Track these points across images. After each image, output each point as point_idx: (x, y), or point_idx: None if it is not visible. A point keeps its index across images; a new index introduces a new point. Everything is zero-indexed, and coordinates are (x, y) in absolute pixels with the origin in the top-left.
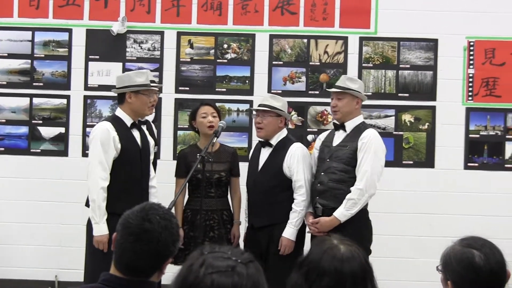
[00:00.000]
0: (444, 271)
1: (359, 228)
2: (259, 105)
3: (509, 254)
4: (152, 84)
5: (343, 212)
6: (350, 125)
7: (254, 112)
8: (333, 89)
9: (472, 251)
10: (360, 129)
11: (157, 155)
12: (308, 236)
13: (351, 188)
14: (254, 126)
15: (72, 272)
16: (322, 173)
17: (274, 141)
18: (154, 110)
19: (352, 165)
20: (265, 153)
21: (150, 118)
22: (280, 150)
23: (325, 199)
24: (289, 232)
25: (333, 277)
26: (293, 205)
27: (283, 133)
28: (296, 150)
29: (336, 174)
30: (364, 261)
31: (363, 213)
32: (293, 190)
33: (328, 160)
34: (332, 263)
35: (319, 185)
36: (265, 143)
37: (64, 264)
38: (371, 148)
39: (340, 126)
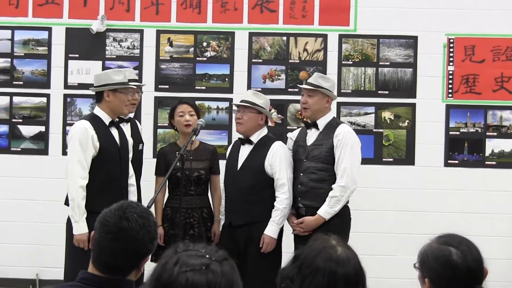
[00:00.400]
0: (422, 268)
1: (343, 225)
2: (241, 101)
3: (488, 251)
4: (131, 83)
5: (327, 210)
6: (322, 122)
7: (235, 108)
8: (304, 86)
9: (449, 248)
10: (332, 125)
11: (142, 153)
12: (291, 236)
13: (333, 186)
14: (234, 121)
15: (53, 271)
16: (302, 174)
17: (254, 138)
18: (134, 109)
19: (330, 163)
20: (245, 150)
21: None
22: (261, 148)
23: (307, 199)
24: (271, 230)
25: (326, 276)
26: (275, 203)
27: (264, 131)
28: (278, 148)
29: (316, 173)
30: (358, 266)
31: (346, 210)
32: (273, 189)
33: (305, 160)
34: (328, 263)
35: (299, 186)
36: (245, 141)
37: (45, 263)
38: (348, 144)
39: (312, 125)
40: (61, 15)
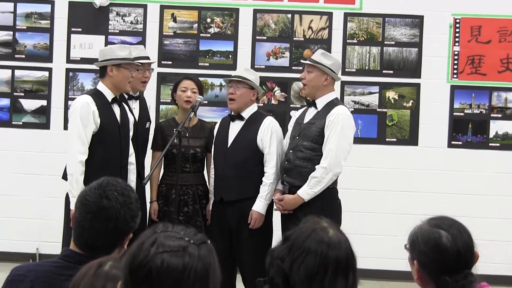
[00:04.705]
0: (411, 250)
1: (325, 207)
2: (233, 77)
3: (491, 233)
4: (140, 61)
5: (306, 191)
6: (321, 102)
7: (225, 84)
8: (305, 61)
9: (440, 231)
10: (330, 106)
11: (149, 131)
12: (277, 214)
13: (316, 166)
14: (227, 97)
15: (53, 245)
16: (291, 151)
17: (245, 114)
18: (145, 87)
19: (320, 143)
20: (235, 127)
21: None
22: (253, 123)
23: (291, 177)
24: (259, 206)
25: (317, 258)
26: (263, 179)
27: (254, 107)
28: (270, 123)
29: (302, 152)
30: (350, 250)
31: (330, 192)
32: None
33: (297, 137)
34: (319, 245)
35: (286, 162)
36: (235, 117)
37: (46, 237)
38: (338, 126)
39: (312, 103)
40: None
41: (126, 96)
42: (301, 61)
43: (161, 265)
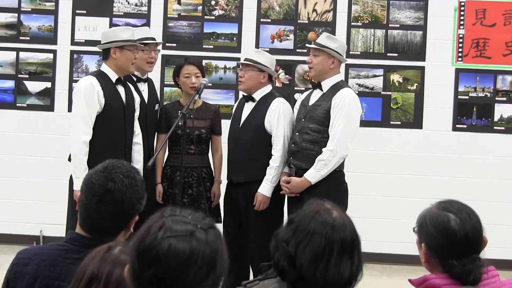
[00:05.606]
0: (419, 233)
1: (331, 190)
2: (244, 59)
3: (495, 217)
4: (146, 42)
5: (313, 173)
6: (326, 84)
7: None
8: (310, 45)
9: (448, 214)
10: (336, 88)
11: (157, 113)
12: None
13: (323, 149)
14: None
15: (57, 227)
16: (297, 133)
17: (257, 96)
18: (152, 68)
19: (325, 125)
20: (247, 108)
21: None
22: (262, 105)
23: (297, 159)
24: (265, 188)
25: (322, 239)
26: (270, 161)
27: (267, 88)
28: (278, 105)
29: (309, 134)
30: (354, 231)
31: (337, 175)
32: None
33: (303, 120)
34: (324, 227)
35: (293, 145)
36: (248, 98)
37: (49, 219)
38: (344, 108)
39: (317, 85)
40: None
41: (135, 79)
42: (307, 45)
43: (168, 250)
